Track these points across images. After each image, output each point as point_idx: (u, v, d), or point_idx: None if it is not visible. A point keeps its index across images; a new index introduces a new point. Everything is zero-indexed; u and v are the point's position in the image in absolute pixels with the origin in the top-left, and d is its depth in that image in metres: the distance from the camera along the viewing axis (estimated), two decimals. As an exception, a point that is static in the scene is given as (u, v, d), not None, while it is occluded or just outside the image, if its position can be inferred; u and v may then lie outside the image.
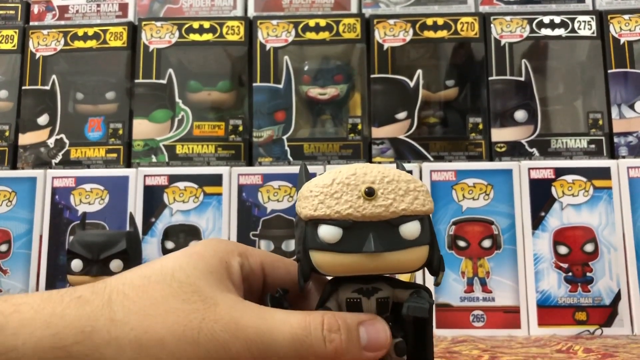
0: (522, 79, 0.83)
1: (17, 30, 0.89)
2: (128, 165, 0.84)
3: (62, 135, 0.85)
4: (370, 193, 0.31)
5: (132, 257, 0.70)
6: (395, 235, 0.31)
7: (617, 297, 0.74)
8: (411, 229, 0.31)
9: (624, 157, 0.80)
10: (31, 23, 0.92)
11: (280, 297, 0.33)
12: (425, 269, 0.33)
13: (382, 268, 0.31)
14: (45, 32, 0.89)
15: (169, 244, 0.79)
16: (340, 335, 0.30)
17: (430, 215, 0.32)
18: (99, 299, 0.30)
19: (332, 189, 0.31)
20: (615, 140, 0.81)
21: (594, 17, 0.85)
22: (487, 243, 0.75)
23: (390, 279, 0.33)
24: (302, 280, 0.32)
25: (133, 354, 0.29)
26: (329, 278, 0.34)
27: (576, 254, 0.75)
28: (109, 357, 0.28)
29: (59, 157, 0.85)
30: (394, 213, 0.31)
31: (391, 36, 0.85)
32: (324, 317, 0.31)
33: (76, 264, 0.68)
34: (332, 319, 0.31)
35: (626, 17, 0.84)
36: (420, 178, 0.77)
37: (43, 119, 0.86)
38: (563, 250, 0.75)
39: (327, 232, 0.31)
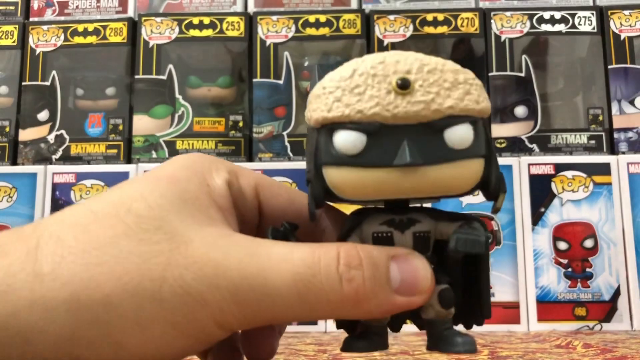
0: (522, 74, 0.83)
1: (17, 26, 0.89)
2: (128, 161, 0.84)
3: (63, 131, 0.85)
4: (404, 85, 0.23)
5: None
6: (439, 143, 0.23)
7: (617, 293, 0.74)
8: (461, 135, 0.23)
9: (623, 152, 0.80)
10: (31, 19, 0.92)
11: (286, 231, 0.25)
12: (480, 191, 0.25)
13: (422, 188, 0.23)
14: (45, 27, 0.89)
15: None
16: (363, 273, 0.22)
17: (486, 118, 0.25)
18: (23, 247, 0.22)
19: (353, 82, 0.23)
20: (615, 136, 0.81)
21: (594, 12, 0.84)
22: (487, 239, 0.75)
23: (432, 209, 0.25)
24: (313, 208, 0.24)
25: (68, 318, 0.21)
26: (351, 211, 0.26)
27: (576, 250, 0.75)
28: (35, 324, 0.21)
29: (59, 153, 0.85)
30: (437, 112, 0.23)
31: (391, 32, 0.85)
32: (339, 249, 0.23)
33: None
34: (353, 251, 0.23)
35: (627, 12, 0.84)
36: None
37: (43, 115, 0.86)
38: (563, 246, 0.75)
39: (346, 140, 0.23)
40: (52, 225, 0.23)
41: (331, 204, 0.27)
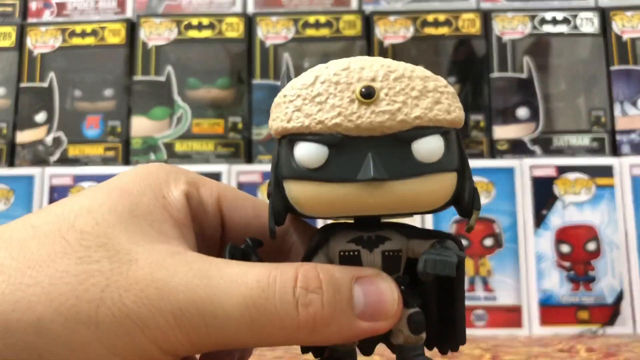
0: (524, 76, 0.83)
1: (14, 27, 0.89)
2: (126, 163, 0.84)
3: (60, 133, 0.85)
4: (368, 94, 0.21)
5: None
6: (407, 156, 0.21)
7: (620, 296, 0.73)
8: (430, 147, 0.21)
9: (626, 155, 0.79)
10: (29, 20, 0.91)
11: (248, 249, 0.23)
12: (454, 207, 0.23)
13: (388, 205, 0.21)
14: (43, 29, 0.88)
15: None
16: (322, 296, 0.21)
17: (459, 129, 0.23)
18: None
19: (314, 90, 0.22)
20: (618, 137, 0.80)
21: (596, 13, 0.84)
22: (488, 242, 0.75)
23: (403, 226, 0.24)
24: (273, 224, 0.23)
25: None
26: (320, 227, 0.25)
27: (578, 253, 0.74)
28: None
29: (57, 155, 0.84)
30: (404, 123, 0.21)
31: (392, 33, 0.85)
32: (298, 270, 0.21)
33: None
34: (312, 272, 0.21)
35: (629, 13, 0.83)
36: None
37: (41, 117, 0.86)
38: (565, 248, 0.74)
39: (307, 153, 0.21)
40: None
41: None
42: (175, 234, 0.23)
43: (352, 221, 0.24)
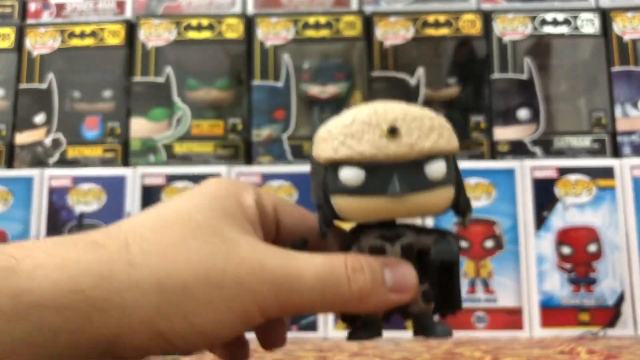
0: (525, 77, 0.83)
1: (13, 28, 0.89)
2: (125, 164, 0.83)
3: (59, 135, 0.85)
4: (393, 131, 0.29)
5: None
6: (421, 176, 0.30)
7: (621, 298, 0.73)
8: (437, 169, 0.30)
9: (627, 156, 0.79)
10: (28, 21, 0.91)
11: (302, 245, 0.32)
12: (452, 210, 0.32)
13: (408, 211, 0.30)
14: (42, 30, 0.88)
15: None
16: (365, 276, 0.29)
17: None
18: (115, 242, 0.28)
19: (353, 128, 0.30)
20: (619, 139, 0.80)
21: (597, 14, 0.84)
22: (489, 243, 0.75)
23: (413, 225, 0.32)
24: (324, 227, 0.31)
25: (155, 298, 0.27)
26: (349, 228, 0.33)
27: (579, 255, 0.74)
28: (131, 301, 0.27)
29: (56, 157, 0.84)
30: (419, 152, 0.29)
31: (392, 34, 0.85)
32: (346, 257, 0.30)
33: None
34: (355, 259, 0.30)
35: (630, 14, 0.83)
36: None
37: (40, 118, 0.85)
38: (566, 250, 0.74)
39: (350, 175, 0.30)
40: (134, 227, 0.29)
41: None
42: (251, 229, 0.31)
43: (374, 223, 0.32)
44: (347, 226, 0.33)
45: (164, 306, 0.27)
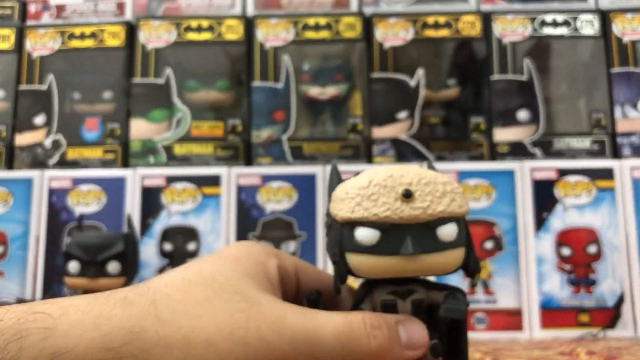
0: (524, 78, 0.83)
1: (13, 30, 0.89)
2: (125, 165, 0.83)
3: (59, 136, 0.85)
4: (407, 195, 0.31)
5: (129, 259, 0.69)
6: (433, 238, 0.31)
7: (621, 299, 0.73)
8: (448, 231, 0.31)
9: (627, 157, 0.79)
10: (28, 22, 0.91)
11: (316, 298, 0.34)
12: (462, 270, 0.33)
13: (420, 270, 0.31)
14: (42, 31, 0.88)
15: (167, 246, 0.78)
16: (383, 332, 0.31)
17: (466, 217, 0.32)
18: (144, 299, 0.30)
19: (369, 190, 0.31)
20: (619, 140, 0.80)
21: (596, 16, 0.84)
22: (489, 244, 0.75)
23: (424, 281, 0.33)
24: (339, 283, 0.32)
25: (181, 354, 0.28)
26: (362, 281, 0.34)
27: (579, 256, 0.74)
28: (157, 357, 0.28)
29: (56, 158, 0.84)
30: (432, 215, 0.31)
31: (392, 35, 0.85)
32: (364, 315, 0.31)
33: (73, 266, 0.67)
34: (373, 317, 0.31)
35: (629, 16, 0.83)
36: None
37: (40, 119, 0.85)
38: (566, 251, 0.74)
39: (365, 235, 0.31)
40: (161, 287, 0.31)
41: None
42: (271, 289, 0.33)
43: (388, 278, 0.33)
44: (358, 280, 0.34)
45: None
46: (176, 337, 0.28)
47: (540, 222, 0.75)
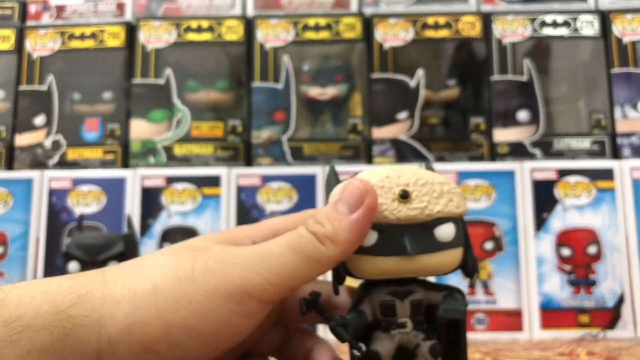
0: (524, 79, 0.83)
1: (13, 30, 0.89)
2: (125, 166, 0.83)
3: (59, 136, 0.85)
4: (405, 196, 0.31)
5: (129, 260, 0.69)
6: (431, 238, 0.31)
7: (621, 300, 0.73)
8: (446, 231, 0.31)
9: (627, 157, 0.79)
10: (28, 23, 0.91)
11: (314, 299, 0.33)
12: (460, 270, 0.33)
13: (418, 271, 0.31)
14: (42, 32, 0.88)
15: (167, 246, 0.78)
16: (325, 222, 0.30)
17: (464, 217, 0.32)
18: (93, 272, 0.31)
19: None
20: (619, 140, 0.80)
21: (596, 16, 0.84)
22: (489, 245, 0.75)
23: (423, 282, 0.33)
24: (337, 284, 0.33)
25: (129, 306, 0.29)
26: (362, 281, 0.34)
27: (579, 256, 0.74)
28: (107, 314, 0.28)
29: (56, 158, 0.84)
30: (429, 215, 0.31)
31: (392, 36, 0.85)
32: (306, 221, 0.31)
33: (73, 267, 0.67)
34: (313, 220, 0.31)
35: (629, 16, 0.83)
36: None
37: (40, 120, 0.85)
38: (566, 252, 0.74)
39: None
40: (113, 266, 0.32)
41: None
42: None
43: (387, 279, 0.33)
44: (357, 281, 0.34)
45: (137, 312, 0.29)
46: (122, 292, 0.29)
47: (540, 223, 0.75)
